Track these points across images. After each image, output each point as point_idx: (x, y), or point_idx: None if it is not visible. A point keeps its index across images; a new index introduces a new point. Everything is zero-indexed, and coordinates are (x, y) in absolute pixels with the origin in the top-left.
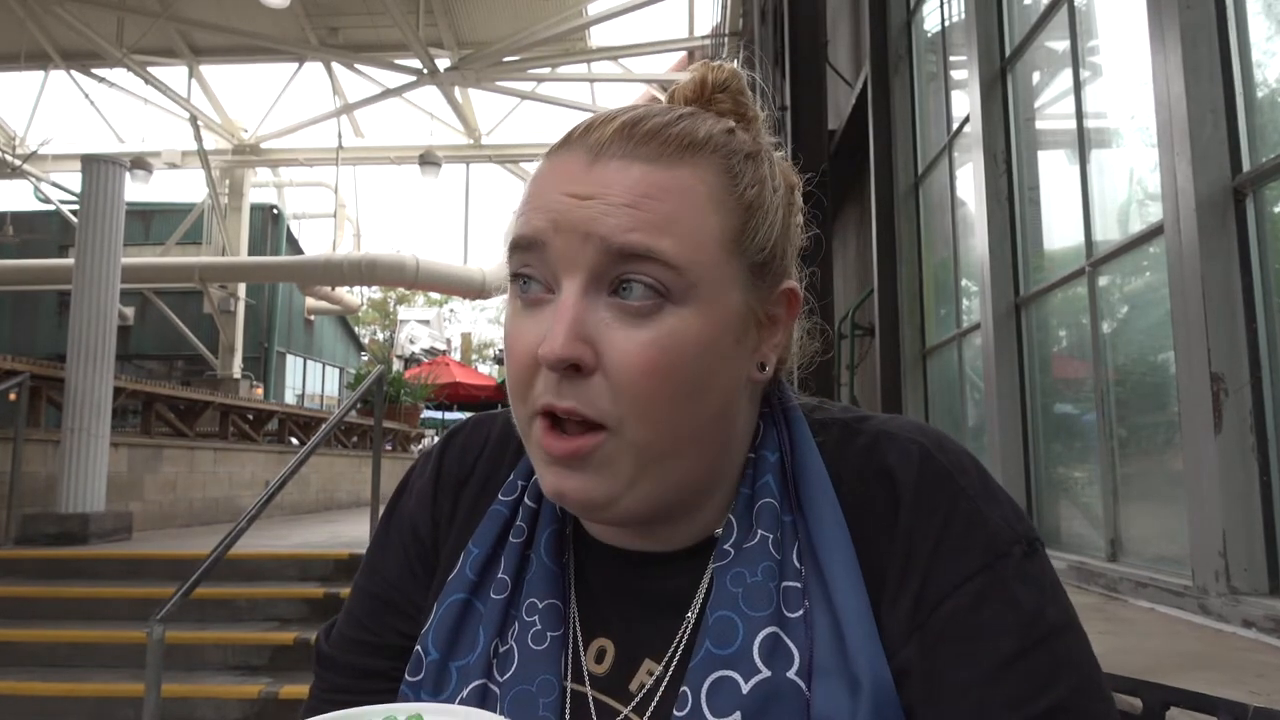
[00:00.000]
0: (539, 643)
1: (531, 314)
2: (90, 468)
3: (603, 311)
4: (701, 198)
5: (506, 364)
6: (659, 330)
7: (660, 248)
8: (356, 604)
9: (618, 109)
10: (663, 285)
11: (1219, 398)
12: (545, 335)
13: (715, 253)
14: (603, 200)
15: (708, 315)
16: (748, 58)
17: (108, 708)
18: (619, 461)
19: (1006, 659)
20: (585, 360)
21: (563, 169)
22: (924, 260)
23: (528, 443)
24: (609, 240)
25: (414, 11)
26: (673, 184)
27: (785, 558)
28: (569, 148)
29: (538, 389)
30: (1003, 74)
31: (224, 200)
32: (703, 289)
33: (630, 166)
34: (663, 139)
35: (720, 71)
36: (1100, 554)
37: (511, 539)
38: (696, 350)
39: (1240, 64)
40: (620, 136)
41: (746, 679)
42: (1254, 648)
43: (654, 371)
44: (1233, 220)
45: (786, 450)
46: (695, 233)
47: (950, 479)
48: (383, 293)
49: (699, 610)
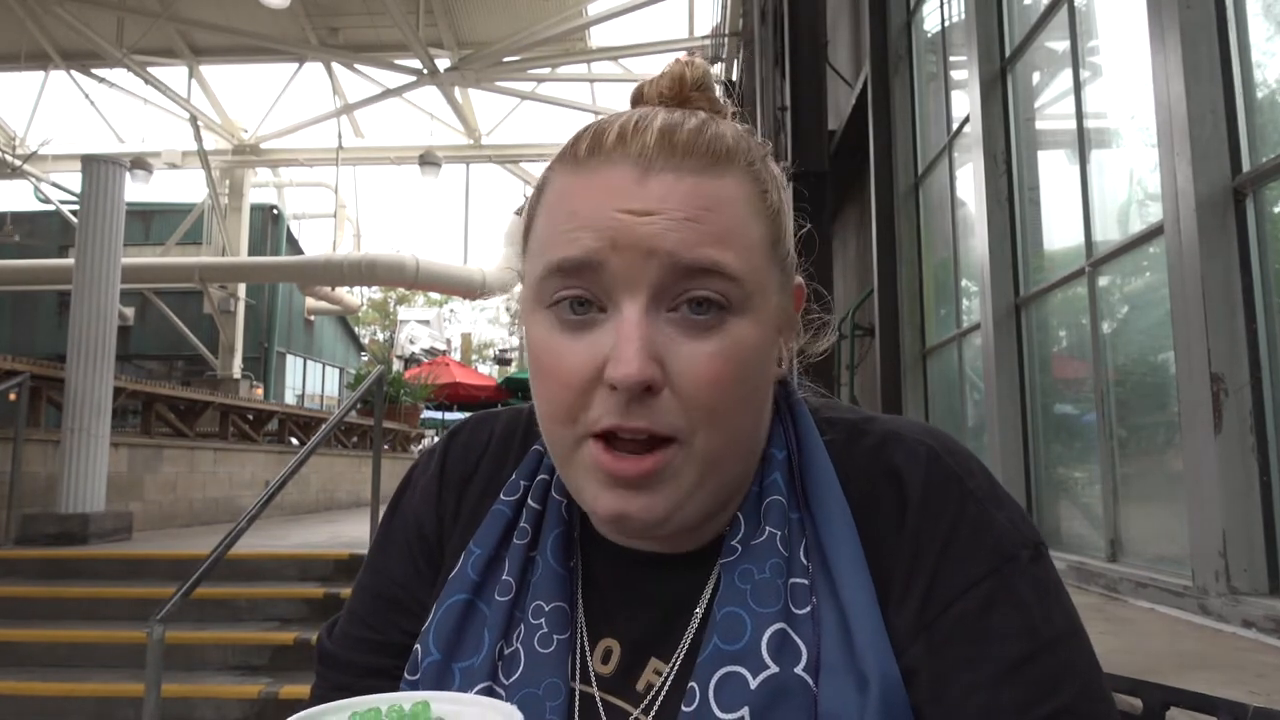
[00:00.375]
0: (545, 646)
1: (580, 334)
2: (90, 468)
3: (666, 327)
4: (745, 207)
5: (546, 387)
6: (723, 341)
7: (725, 261)
8: (360, 602)
9: (628, 114)
10: (726, 297)
11: (1219, 398)
12: (601, 356)
13: (764, 260)
14: (664, 215)
15: (760, 321)
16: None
17: (108, 708)
18: (684, 473)
19: (1013, 664)
20: (657, 380)
21: (609, 183)
22: (924, 260)
23: (570, 465)
24: (676, 256)
25: (414, 12)
26: (723, 194)
27: (793, 554)
28: (607, 160)
29: (594, 411)
30: (1003, 74)
31: (224, 200)
32: (756, 297)
33: (682, 179)
34: (701, 148)
35: (696, 69)
36: (1100, 554)
37: (515, 540)
38: (754, 356)
39: (1240, 64)
40: (664, 146)
41: (754, 674)
42: (1254, 648)
43: (722, 382)
44: (1233, 220)
45: (794, 447)
46: (748, 242)
47: (958, 482)
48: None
49: (706, 607)
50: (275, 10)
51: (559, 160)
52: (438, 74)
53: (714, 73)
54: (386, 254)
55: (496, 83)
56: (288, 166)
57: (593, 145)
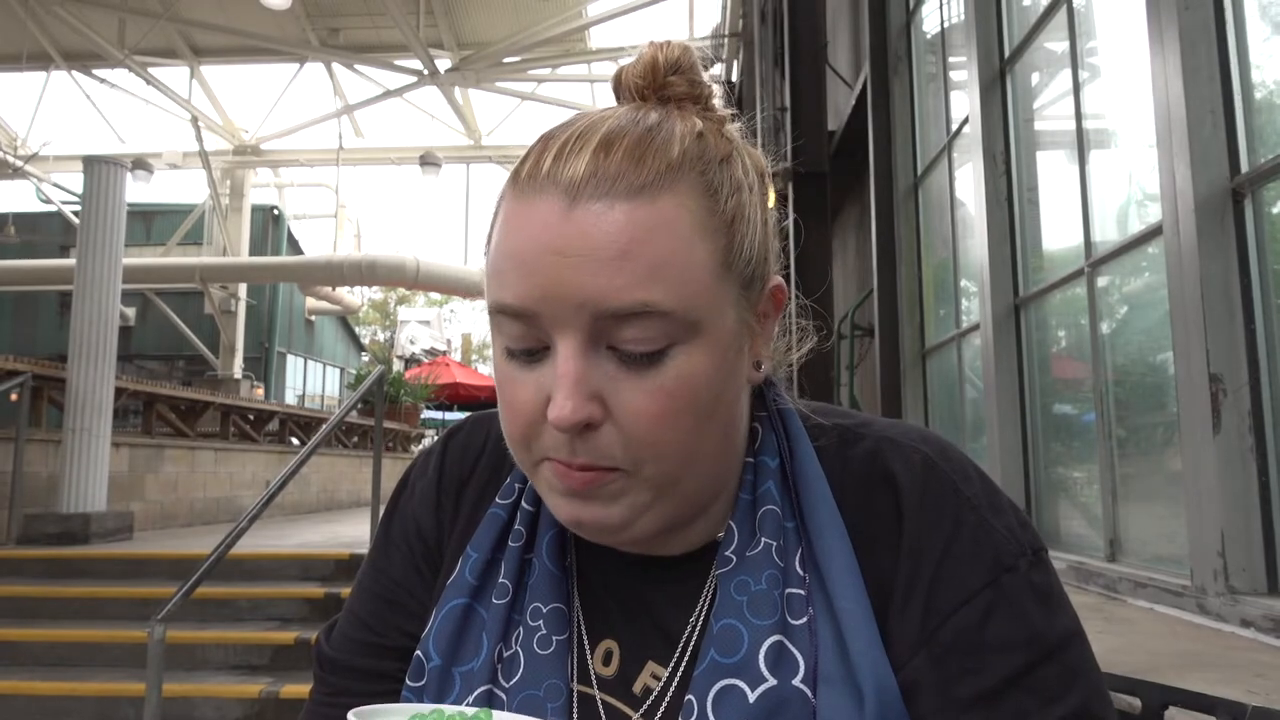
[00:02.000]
0: (544, 647)
1: (528, 367)
2: (91, 468)
3: (605, 364)
4: (687, 228)
5: (503, 412)
6: (665, 375)
7: (655, 300)
8: (359, 605)
9: (584, 124)
10: (663, 333)
11: (1217, 398)
12: (546, 392)
13: (708, 283)
14: (589, 256)
15: (710, 345)
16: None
17: (109, 707)
18: (634, 492)
19: (1017, 672)
20: (595, 417)
21: (539, 216)
22: (923, 261)
23: (534, 478)
24: (601, 305)
25: (414, 12)
26: (657, 220)
27: (788, 565)
28: (539, 187)
29: (544, 442)
30: (1002, 75)
31: (225, 201)
32: (702, 323)
33: (611, 208)
34: (639, 163)
35: (671, 50)
36: (1099, 554)
37: (510, 543)
38: (705, 382)
39: (1239, 65)
40: (594, 169)
41: (753, 688)
42: (1252, 647)
43: (666, 416)
44: (1231, 221)
45: (785, 455)
46: (687, 270)
47: (955, 489)
48: (383, 293)
49: (703, 617)
50: (276, 11)
51: (510, 177)
52: (438, 74)
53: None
54: (387, 254)
55: (497, 83)
56: (288, 167)
57: (533, 166)
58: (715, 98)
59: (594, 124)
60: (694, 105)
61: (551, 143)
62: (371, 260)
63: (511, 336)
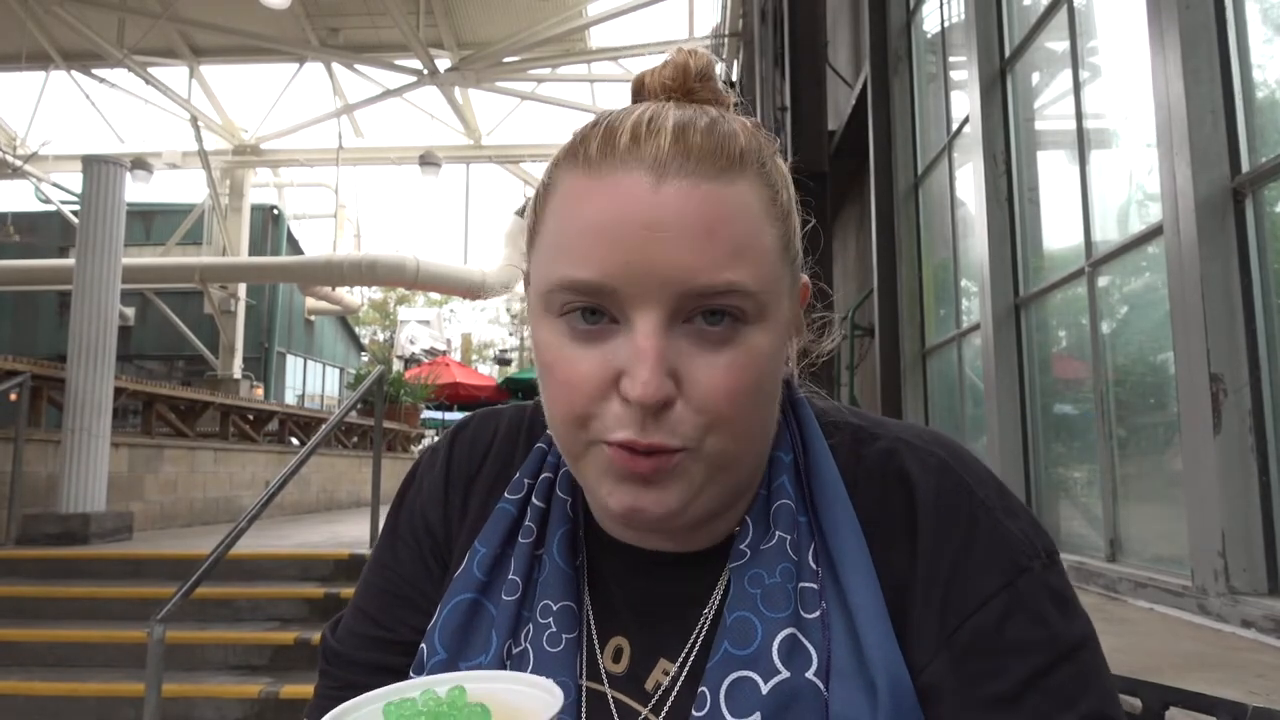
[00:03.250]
0: (554, 645)
1: (592, 344)
2: (91, 468)
3: (680, 340)
4: (758, 212)
5: (557, 391)
6: (737, 352)
7: (741, 280)
8: (366, 599)
9: (641, 110)
10: (742, 311)
11: (1218, 398)
12: (614, 369)
13: (777, 267)
14: (679, 232)
15: (774, 328)
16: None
17: (108, 708)
18: (694, 471)
19: (1036, 674)
20: (672, 396)
21: (622, 190)
22: (924, 260)
23: (581, 462)
24: (690, 282)
25: (414, 12)
26: (737, 202)
27: (802, 559)
28: (620, 163)
29: (607, 420)
30: (1002, 75)
31: (224, 201)
32: (770, 305)
33: (697, 186)
34: (714, 150)
35: (700, 58)
36: (1100, 554)
37: (520, 539)
38: (768, 364)
39: (1240, 65)
40: (678, 149)
41: (766, 680)
42: (1253, 648)
43: (736, 393)
44: (1232, 221)
45: (799, 451)
46: (763, 253)
47: (970, 492)
48: (383, 293)
49: (716, 610)
50: (275, 10)
51: (567, 158)
52: (438, 74)
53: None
54: (386, 254)
55: (496, 83)
56: (288, 167)
57: (604, 145)
58: (733, 106)
59: (657, 112)
60: (716, 110)
61: (619, 125)
62: (371, 260)
63: (578, 305)
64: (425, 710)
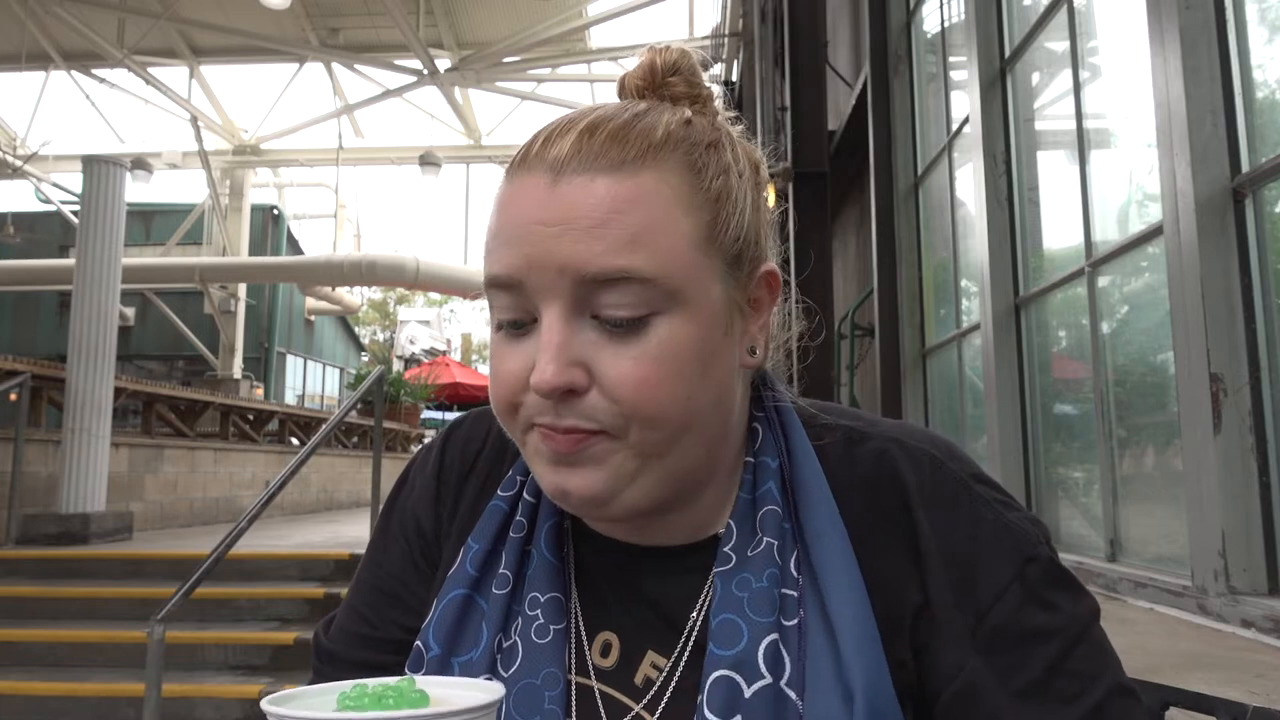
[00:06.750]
0: (542, 636)
1: (516, 342)
2: (91, 468)
3: (589, 332)
4: (668, 201)
5: (492, 386)
6: (648, 343)
7: (634, 265)
8: (358, 598)
9: (574, 113)
10: (643, 300)
11: (1218, 398)
12: (532, 360)
13: (690, 254)
14: (570, 225)
15: (693, 317)
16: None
17: (108, 707)
18: (619, 457)
19: (1059, 657)
20: (579, 383)
21: (527, 193)
22: (924, 261)
23: (523, 449)
24: (582, 270)
25: (414, 12)
26: (638, 192)
27: (785, 565)
28: (529, 167)
29: (529, 408)
30: (1002, 75)
31: (224, 201)
32: (684, 292)
33: (593, 181)
34: (622, 143)
35: (669, 54)
36: (1100, 554)
37: (512, 534)
38: (689, 352)
39: (1239, 65)
40: (578, 148)
41: (749, 683)
42: (1253, 648)
43: (649, 384)
44: (1232, 221)
45: (784, 456)
46: (667, 239)
47: (967, 488)
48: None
49: (704, 611)
50: (275, 11)
51: (507, 168)
52: (438, 74)
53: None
54: (386, 254)
55: (497, 83)
56: (288, 167)
57: (524, 152)
58: (715, 99)
59: (583, 113)
60: (693, 105)
61: (541, 132)
62: (371, 260)
63: (502, 308)
64: (371, 693)
